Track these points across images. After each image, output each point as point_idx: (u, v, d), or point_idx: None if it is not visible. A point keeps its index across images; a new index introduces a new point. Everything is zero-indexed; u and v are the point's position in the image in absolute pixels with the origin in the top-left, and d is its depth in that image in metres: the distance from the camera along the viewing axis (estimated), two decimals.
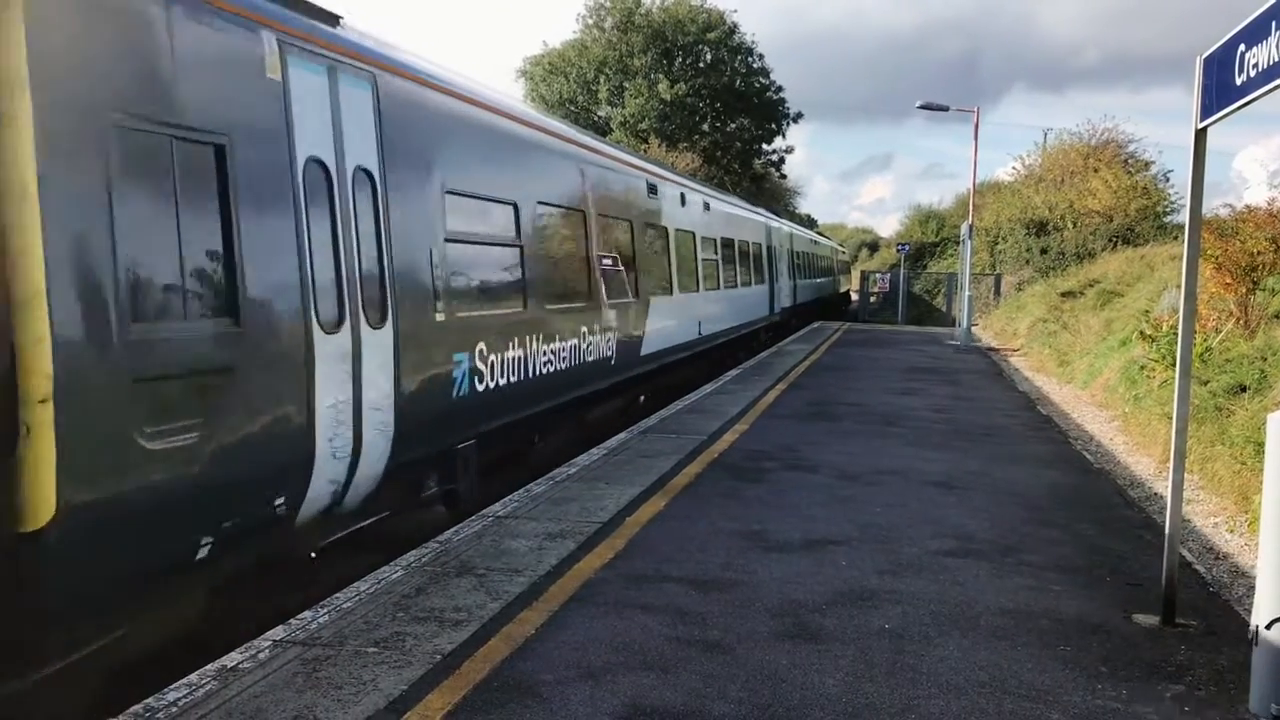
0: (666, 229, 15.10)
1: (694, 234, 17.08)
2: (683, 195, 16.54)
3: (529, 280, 9.30)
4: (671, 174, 17.13)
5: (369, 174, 6.61)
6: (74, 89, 4.30)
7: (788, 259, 31.01)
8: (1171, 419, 5.84)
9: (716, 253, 19.22)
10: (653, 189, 14.50)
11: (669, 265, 15.12)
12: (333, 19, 6.58)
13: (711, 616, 5.61)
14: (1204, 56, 5.44)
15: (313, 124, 6.02)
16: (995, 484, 9.21)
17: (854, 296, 55.28)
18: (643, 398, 14.49)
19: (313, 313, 5.83)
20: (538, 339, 9.38)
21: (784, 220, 34.07)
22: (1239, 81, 4.97)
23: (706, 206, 18.51)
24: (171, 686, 4.58)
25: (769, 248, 26.72)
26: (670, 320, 14.86)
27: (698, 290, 17.10)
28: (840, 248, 70.13)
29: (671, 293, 15.14)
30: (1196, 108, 5.50)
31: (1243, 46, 4.91)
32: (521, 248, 9.19)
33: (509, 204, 9.07)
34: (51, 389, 4.06)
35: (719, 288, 19.30)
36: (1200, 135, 5.55)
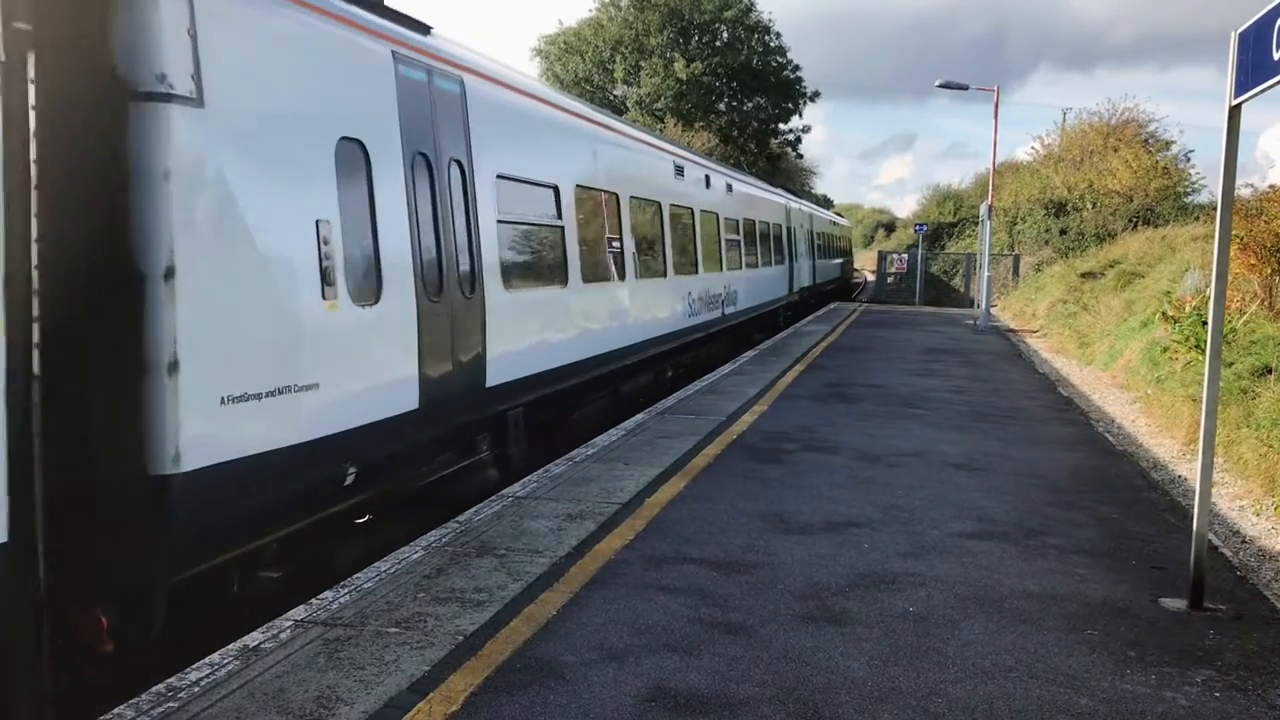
0: None
1: None
2: None
3: None
4: None
5: None
6: None
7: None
8: (1195, 401, 5.77)
9: None
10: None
11: None
12: None
13: (734, 598, 5.57)
14: (1239, 31, 5.32)
15: None
16: (1017, 466, 9.14)
17: (870, 277, 54.89)
18: None
19: None
20: None
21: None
22: (1276, 56, 4.86)
23: None
24: (194, 666, 4.57)
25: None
26: None
27: None
28: (837, 218, 53.94)
29: None
30: (1230, 84, 5.39)
31: None
32: None
33: None
34: None
35: None
36: (1234, 112, 5.45)
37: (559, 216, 9.84)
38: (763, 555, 6.34)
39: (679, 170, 15.18)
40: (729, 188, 19.43)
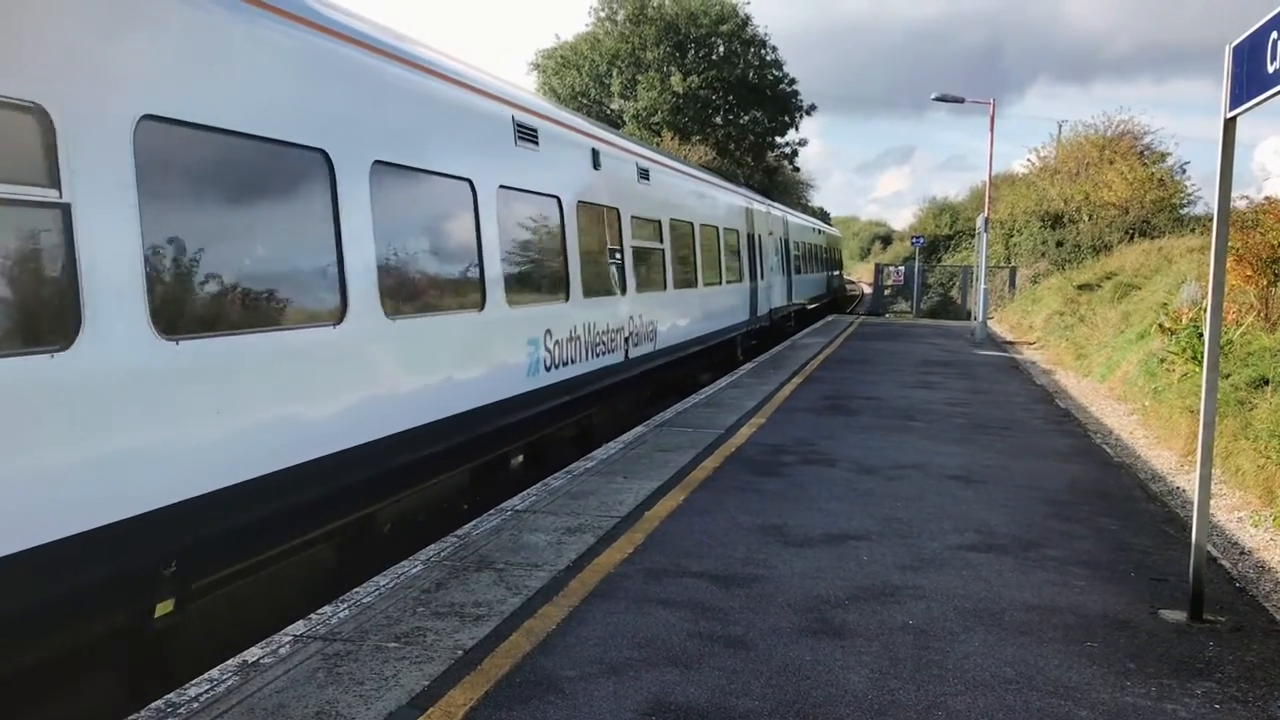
0: None
1: None
2: None
3: None
4: None
5: None
6: None
7: None
8: (1193, 412, 5.78)
9: None
10: None
11: None
12: None
13: (733, 612, 5.56)
14: (1234, 44, 5.35)
15: None
16: (1015, 478, 9.14)
17: (867, 290, 54.97)
18: None
19: None
20: None
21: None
22: (1271, 69, 4.89)
23: None
24: (193, 682, 4.56)
25: None
26: None
27: None
28: (823, 226, 47.81)
29: None
30: (1226, 97, 5.42)
31: (1275, 34, 4.83)
32: None
33: None
34: None
35: None
36: (1229, 125, 5.48)
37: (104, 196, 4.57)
38: (762, 568, 6.34)
39: (526, 134, 9.33)
40: (643, 175, 13.47)
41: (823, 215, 76.00)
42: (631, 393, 13.25)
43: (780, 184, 59.38)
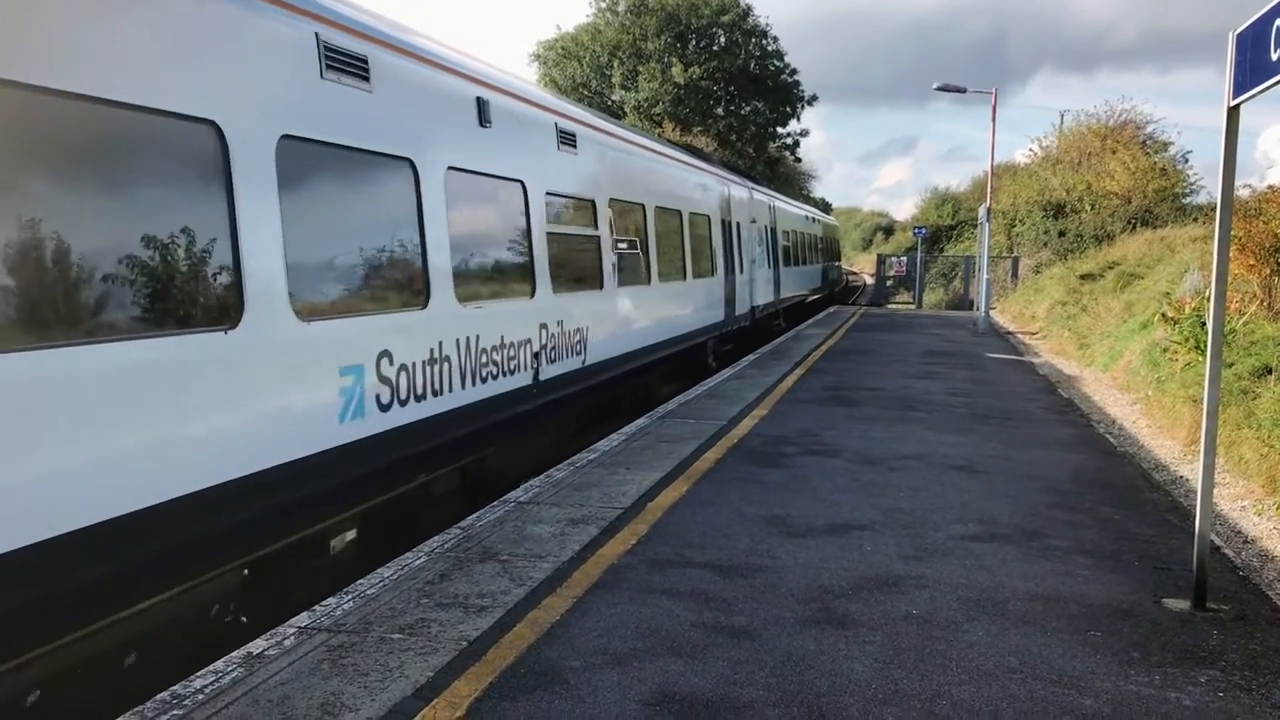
0: None
1: None
2: None
3: None
4: None
5: None
6: None
7: None
8: (1196, 401, 5.78)
9: None
10: None
11: None
12: None
13: (737, 602, 5.57)
14: (1237, 32, 5.33)
15: None
16: (1018, 468, 9.14)
17: (869, 280, 54.93)
18: None
19: None
20: None
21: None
22: (1274, 57, 4.87)
23: None
24: (198, 674, 4.58)
25: None
26: None
27: None
28: (819, 214, 43.24)
29: None
30: (1229, 85, 5.40)
31: (1278, 21, 4.81)
32: None
33: None
34: None
35: None
36: (1233, 113, 5.46)
37: None
38: (765, 558, 6.35)
39: (346, 64, 6.33)
40: (566, 140, 10.33)
41: (824, 206, 75.84)
42: (549, 422, 10.22)
43: (782, 175, 59.32)
